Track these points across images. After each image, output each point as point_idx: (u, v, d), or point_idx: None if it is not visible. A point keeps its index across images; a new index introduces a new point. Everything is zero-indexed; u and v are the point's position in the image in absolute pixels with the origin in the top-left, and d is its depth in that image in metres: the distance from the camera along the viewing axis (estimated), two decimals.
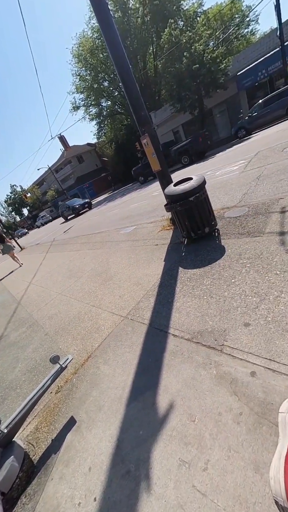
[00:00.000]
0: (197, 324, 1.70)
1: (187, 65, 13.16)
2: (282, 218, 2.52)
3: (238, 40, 24.14)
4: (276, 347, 1.27)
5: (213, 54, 13.16)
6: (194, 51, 12.94)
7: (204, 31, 13.67)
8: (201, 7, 21.22)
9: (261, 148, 6.85)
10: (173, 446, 1.03)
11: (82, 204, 18.33)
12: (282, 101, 10.73)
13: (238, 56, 15.78)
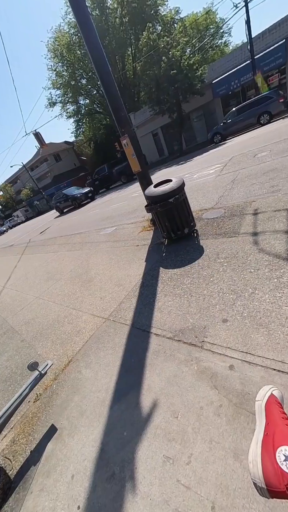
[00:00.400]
0: (178, 322, 1.74)
1: (165, 69, 13.45)
2: (255, 220, 2.69)
3: (213, 50, 25.28)
4: (251, 340, 1.35)
5: (189, 61, 13.62)
6: (172, 56, 13.26)
7: (181, 37, 14.08)
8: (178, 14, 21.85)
9: (235, 154, 7.23)
10: (158, 444, 1.04)
11: (85, 194, 14.78)
12: (253, 110, 11.46)
13: (213, 65, 16.51)
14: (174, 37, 14.01)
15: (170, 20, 19.99)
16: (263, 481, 0.50)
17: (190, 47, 17.41)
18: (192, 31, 20.83)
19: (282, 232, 2.21)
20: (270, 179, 3.71)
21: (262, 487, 0.49)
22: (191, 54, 14.88)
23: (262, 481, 0.50)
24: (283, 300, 1.51)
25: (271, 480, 0.49)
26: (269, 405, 0.65)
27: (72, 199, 14.99)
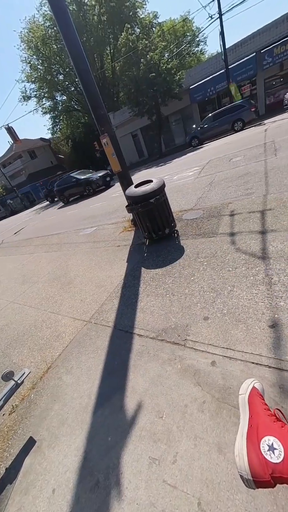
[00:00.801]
0: (161, 322, 1.75)
1: (144, 71, 13.56)
2: (231, 221, 2.81)
3: (190, 57, 26.11)
4: (231, 336, 1.40)
5: (168, 65, 13.89)
6: (151, 59, 13.42)
7: (159, 42, 14.31)
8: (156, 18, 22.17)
9: (212, 157, 7.53)
10: (143, 446, 1.03)
11: (102, 177, 11.51)
12: (227, 117, 12.05)
13: (190, 71, 17.04)
14: (152, 41, 14.20)
15: (149, 23, 20.22)
16: (249, 473, 0.51)
17: (168, 52, 17.79)
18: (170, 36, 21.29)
19: (257, 233, 2.34)
20: (245, 183, 3.92)
21: (249, 479, 0.51)
22: (169, 59, 15.19)
23: (248, 473, 0.51)
24: (259, 297, 1.60)
25: (256, 471, 0.50)
26: (251, 397, 0.68)
27: (85, 183, 11.63)
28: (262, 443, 0.54)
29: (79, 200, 11.89)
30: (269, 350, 1.23)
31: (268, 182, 3.51)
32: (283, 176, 3.48)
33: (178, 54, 17.30)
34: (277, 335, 1.29)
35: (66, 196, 13.17)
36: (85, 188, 11.92)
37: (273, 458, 0.51)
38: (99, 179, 11.52)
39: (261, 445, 0.54)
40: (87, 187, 11.77)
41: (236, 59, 14.33)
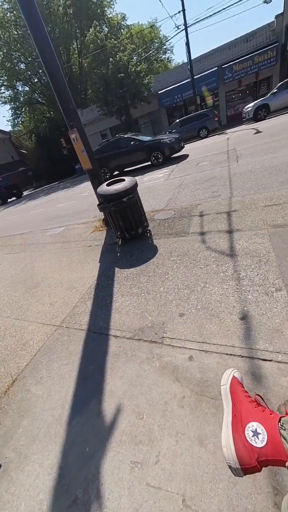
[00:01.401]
0: (137, 321, 1.72)
1: (112, 71, 13.46)
2: (201, 221, 2.95)
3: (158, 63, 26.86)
4: (206, 330, 1.45)
5: (136, 68, 14.05)
6: (119, 60, 13.40)
7: (128, 44, 14.39)
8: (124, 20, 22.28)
9: (180, 161, 7.82)
10: (124, 451, 0.99)
11: (177, 140, 8.42)
12: (194, 124, 12.71)
13: (159, 77, 17.52)
14: (121, 42, 14.20)
15: (117, 24, 20.21)
16: (237, 462, 0.52)
17: (137, 56, 18.01)
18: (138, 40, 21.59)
19: (224, 232, 2.49)
20: (211, 186, 4.16)
21: (237, 468, 0.51)
22: (138, 62, 15.38)
23: (236, 462, 0.52)
24: (229, 291, 1.69)
25: (244, 458, 0.51)
26: (232, 387, 0.70)
27: (152, 147, 8.23)
28: (247, 430, 0.56)
29: (136, 173, 8.48)
30: (241, 340, 1.31)
31: (232, 186, 3.78)
32: (245, 181, 3.79)
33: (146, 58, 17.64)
34: (247, 326, 1.38)
35: (112, 168, 9.30)
36: (150, 155, 8.38)
37: (257, 443, 0.53)
38: (174, 141, 8.17)
39: (246, 431, 0.56)
40: (156, 153, 8.22)
41: (201, 70, 15.24)
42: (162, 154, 8.26)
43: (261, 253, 1.96)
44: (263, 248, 2.01)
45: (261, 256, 1.93)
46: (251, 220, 2.51)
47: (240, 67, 14.56)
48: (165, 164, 8.21)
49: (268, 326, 1.33)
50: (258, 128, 8.72)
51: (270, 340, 1.26)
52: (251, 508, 0.74)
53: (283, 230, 2.15)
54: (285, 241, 1.99)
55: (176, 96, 16.61)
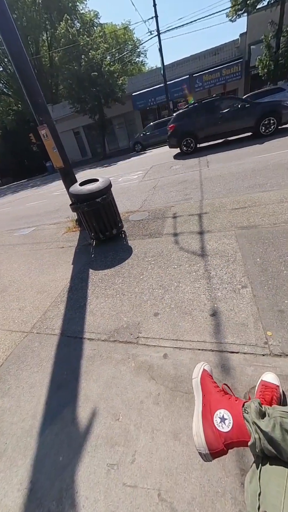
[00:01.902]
0: (112, 323, 1.71)
1: (85, 68, 13.17)
2: (174, 222, 3.04)
3: (132, 65, 27.00)
4: (179, 328, 1.50)
5: (110, 67, 13.95)
6: (93, 58, 13.16)
7: (101, 42, 14.21)
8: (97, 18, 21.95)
9: (154, 163, 7.98)
10: (100, 455, 0.97)
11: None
12: (166, 128, 13.04)
13: (132, 79, 17.63)
14: (94, 40, 13.97)
15: (90, 21, 19.80)
16: (206, 448, 0.55)
17: (111, 56, 17.88)
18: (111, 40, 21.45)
19: (196, 233, 2.61)
20: (184, 188, 4.32)
21: (206, 453, 0.55)
22: (111, 62, 15.27)
23: (206, 448, 0.55)
24: (201, 290, 1.78)
25: (212, 443, 0.55)
26: (203, 379, 0.74)
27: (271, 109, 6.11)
28: (215, 417, 0.60)
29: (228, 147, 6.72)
30: (211, 336, 1.39)
31: (203, 189, 3.98)
32: (214, 185, 4.02)
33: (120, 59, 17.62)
34: (217, 322, 1.47)
35: (201, 137, 7.23)
36: (260, 121, 6.31)
37: (224, 428, 0.57)
38: None
39: (214, 419, 0.60)
40: (269, 119, 6.19)
41: (173, 77, 15.73)
42: (278, 120, 6.13)
43: (229, 253, 2.10)
44: (231, 248, 2.16)
45: (229, 255, 2.07)
46: (220, 222, 2.68)
47: (209, 77, 15.41)
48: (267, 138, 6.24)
49: (236, 321, 1.44)
50: None
51: (237, 333, 1.35)
52: (221, 491, 0.79)
53: (248, 232, 2.33)
54: (250, 241, 2.17)
55: (150, 99, 16.89)
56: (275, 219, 2.40)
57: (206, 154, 6.79)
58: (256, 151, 5.43)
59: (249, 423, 0.53)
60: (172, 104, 16.68)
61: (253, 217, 2.57)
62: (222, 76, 15.19)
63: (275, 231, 2.21)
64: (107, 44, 15.67)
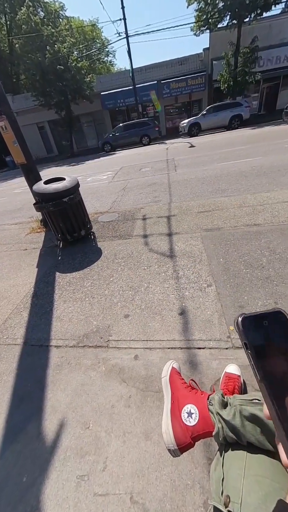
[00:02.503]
0: (81, 327, 1.65)
1: (51, 60, 12.51)
2: (144, 224, 3.08)
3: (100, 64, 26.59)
4: (149, 328, 1.52)
5: (78, 63, 13.52)
6: (58, 50, 12.58)
7: (67, 36, 13.68)
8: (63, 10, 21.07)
9: (124, 165, 7.97)
10: (69, 468, 0.93)
11: None
12: (136, 130, 13.20)
13: (101, 78, 17.36)
14: (60, 32, 13.37)
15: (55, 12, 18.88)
16: (175, 444, 0.57)
17: (78, 51, 17.34)
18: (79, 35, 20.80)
19: (165, 235, 2.69)
20: (153, 191, 4.41)
21: (175, 449, 0.57)
22: (79, 58, 14.81)
23: (174, 444, 0.57)
24: (170, 290, 1.83)
25: (180, 439, 0.57)
26: (171, 377, 0.76)
27: None
28: (183, 413, 0.62)
29: None
30: (180, 334, 1.44)
31: (171, 192, 4.12)
32: (182, 188, 4.19)
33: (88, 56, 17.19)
34: (185, 320, 1.53)
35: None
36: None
37: (191, 422, 0.60)
38: None
39: (182, 414, 0.62)
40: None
41: (142, 81, 15.97)
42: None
43: (195, 254, 2.21)
44: (197, 249, 2.28)
45: (195, 256, 2.18)
46: (187, 225, 2.80)
47: (176, 85, 16.07)
48: None
49: (202, 318, 1.52)
50: (192, 143, 9.82)
51: (203, 330, 1.43)
52: (191, 483, 0.83)
53: (212, 234, 2.49)
54: (214, 243, 2.32)
55: (119, 100, 16.85)
56: (236, 222, 2.62)
57: None
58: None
59: (213, 414, 0.56)
60: (141, 107, 16.94)
61: (216, 220, 2.76)
62: (188, 85, 15.98)
63: (236, 233, 2.41)
64: (74, 39, 15.16)
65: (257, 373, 0.21)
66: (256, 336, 0.22)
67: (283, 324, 0.23)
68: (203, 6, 12.49)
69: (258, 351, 0.22)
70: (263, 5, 11.37)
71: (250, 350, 0.22)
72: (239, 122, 12.17)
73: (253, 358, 0.22)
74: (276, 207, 2.77)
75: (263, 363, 0.21)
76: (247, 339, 0.22)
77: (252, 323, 0.22)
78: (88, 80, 14.21)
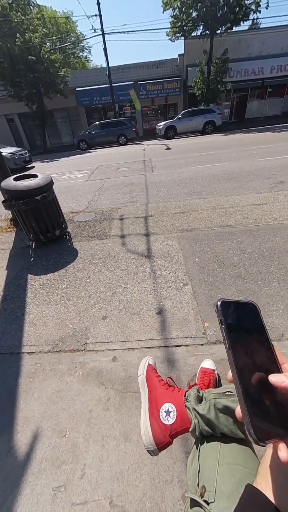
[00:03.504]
0: (56, 331, 1.58)
1: (21, 50, 11.77)
2: (121, 224, 3.07)
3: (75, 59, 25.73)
4: (128, 329, 1.52)
5: (51, 55, 12.93)
6: (29, 40, 11.89)
7: (39, 25, 13.01)
8: None
9: (100, 164, 7.83)
10: (44, 481, 0.88)
11: None
12: (113, 129, 13.07)
13: (76, 73, 16.84)
14: (31, 20, 12.65)
15: None
16: (154, 444, 0.57)
17: (51, 43, 16.58)
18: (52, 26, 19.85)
19: (143, 235, 2.70)
20: (130, 191, 4.41)
21: (154, 449, 0.57)
22: (52, 50, 14.16)
23: (153, 445, 0.57)
24: (148, 290, 1.85)
25: (159, 438, 0.58)
26: (148, 375, 0.77)
27: None
28: (161, 412, 0.63)
29: None
30: (158, 333, 1.46)
31: (148, 193, 4.16)
32: (159, 189, 4.26)
33: (62, 50, 16.50)
34: (163, 319, 1.56)
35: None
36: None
37: (169, 420, 0.61)
38: None
39: (160, 413, 0.63)
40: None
41: (118, 80, 15.86)
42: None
43: (172, 254, 2.26)
44: (173, 249, 2.33)
45: (172, 256, 2.23)
46: (164, 225, 2.86)
47: (153, 88, 16.28)
48: None
49: (179, 317, 1.56)
50: (168, 145, 10.03)
51: (180, 328, 1.47)
52: (170, 479, 0.84)
53: (188, 234, 2.57)
54: (190, 243, 2.40)
55: (95, 98, 16.51)
56: (210, 223, 2.74)
57: None
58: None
59: (190, 410, 0.58)
60: (118, 106, 16.81)
61: (192, 221, 2.86)
62: (164, 89, 16.30)
63: (210, 233, 2.52)
64: (46, 29, 14.45)
65: (226, 342, 0.27)
66: (229, 315, 0.28)
67: (253, 311, 0.30)
68: (178, 14, 12.84)
69: (229, 327, 0.27)
70: (233, 20, 12.10)
71: (223, 325, 0.27)
72: (212, 128, 12.76)
73: (225, 331, 0.27)
74: (246, 209, 2.96)
75: (232, 336, 0.27)
76: (223, 316, 0.28)
77: (228, 306, 0.29)
78: (63, 74, 13.67)
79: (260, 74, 15.54)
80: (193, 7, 12.03)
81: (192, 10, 12.29)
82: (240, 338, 0.27)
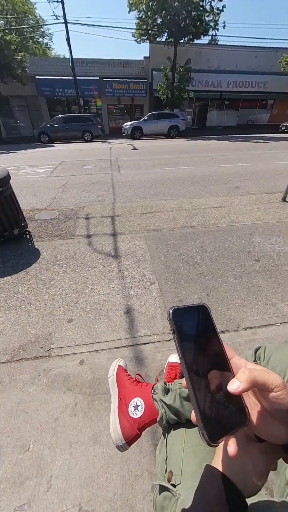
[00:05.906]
0: (16, 339, 1.46)
1: None
2: (87, 223, 2.98)
3: (35, 44, 23.84)
4: (95, 331, 1.49)
5: (5, 36, 11.75)
6: None
7: None
8: None
9: (64, 159, 7.46)
10: (4, 502, 0.81)
11: None
12: (78, 125, 12.57)
13: (36, 60, 15.65)
14: None
15: None
16: (123, 439, 0.58)
17: (6, 23, 15.07)
18: (6, 4, 18.00)
19: (110, 235, 2.67)
20: (97, 190, 4.31)
21: (123, 444, 0.58)
22: (6, 30, 12.87)
23: (122, 440, 0.58)
24: (115, 290, 1.84)
25: (128, 433, 0.59)
26: (118, 375, 0.78)
27: None
28: (130, 407, 0.64)
29: None
30: (126, 332, 1.47)
31: (115, 192, 4.13)
32: (125, 189, 4.26)
33: (19, 32, 15.10)
34: (131, 318, 1.57)
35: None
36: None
37: (137, 414, 0.62)
38: None
39: (129, 409, 0.64)
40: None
41: (83, 73, 15.30)
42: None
43: (139, 254, 2.29)
44: (140, 249, 2.37)
45: (139, 256, 2.26)
46: (131, 225, 2.88)
47: (119, 86, 16.17)
48: None
49: (147, 315, 1.59)
50: (135, 145, 10.11)
51: (148, 326, 1.51)
52: (140, 473, 0.86)
53: (154, 234, 2.64)
54: (156, 243, 2.47)
55: (58, 89, 15.62)
56: (175, 224, 2.86)
57: None
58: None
59: (157, 401, 0.61)
60: (83, 101, 16.23)
61: (158, 221, 2.94)
62: (130, 89, 16.35)
63: (175, 233, 2.64)
64: (0, 5, 13.08)
65: (179, 352, 0.27)
66: (181, 323, 0.28)
67: (204, 312, 0.30)
68: (143, 17, 13.02)
69: (181, 335, 0.27)
70: (194, 32, 12.82)
71: (176, 334, 0.27)
72: (176, 132, 13.31)
73: (177, 340, 0.27)
74: (207, 211, 3.18)
75: (184, 344, 0.27)
76: (175, 325, 0.27)
77: (180, 313, 0.28)
78: (20, 58, 12.56)
79: (219, 87, 16.85)
80: (158, 13, 12.34)
81: (157, 16, 12.59)
82: (192, 344, 0.27)
